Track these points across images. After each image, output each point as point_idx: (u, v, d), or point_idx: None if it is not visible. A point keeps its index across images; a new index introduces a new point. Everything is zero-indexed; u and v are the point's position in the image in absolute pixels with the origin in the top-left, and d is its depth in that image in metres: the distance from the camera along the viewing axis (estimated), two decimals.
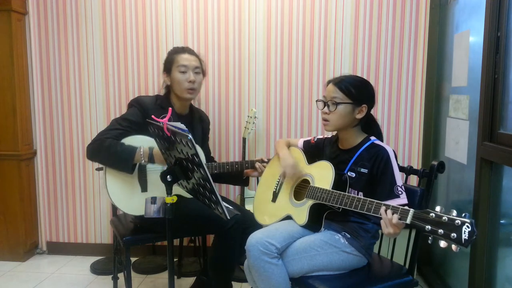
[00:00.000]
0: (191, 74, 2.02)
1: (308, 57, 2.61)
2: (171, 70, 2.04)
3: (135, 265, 2.68)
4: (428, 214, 1.21)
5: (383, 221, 1.35)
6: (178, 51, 2.07)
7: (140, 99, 2.04)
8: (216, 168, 2.07)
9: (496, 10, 1.62)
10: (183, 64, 2.02)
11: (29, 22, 2.71)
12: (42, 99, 2.78)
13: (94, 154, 1.93)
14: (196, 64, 2.05)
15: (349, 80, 1.64)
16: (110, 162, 1.90)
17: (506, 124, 1.59)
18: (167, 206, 1.46)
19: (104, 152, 1.88)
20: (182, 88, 2.02)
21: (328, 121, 1.64)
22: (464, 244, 1.11)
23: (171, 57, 2.06)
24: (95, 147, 1.90)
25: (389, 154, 1.57)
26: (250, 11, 2.60)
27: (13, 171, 2.71)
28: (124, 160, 1.87)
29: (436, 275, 2.42)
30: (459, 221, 1.13)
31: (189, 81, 2.01)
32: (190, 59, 2.04)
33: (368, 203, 1.41)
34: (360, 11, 2.55)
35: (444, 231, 1.15)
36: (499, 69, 1.60)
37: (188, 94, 2.03)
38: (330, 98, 1.62)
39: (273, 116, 2.68)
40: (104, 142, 1.88)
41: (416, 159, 2.63)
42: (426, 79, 2.55)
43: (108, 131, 1.94)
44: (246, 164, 2.09)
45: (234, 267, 2.05)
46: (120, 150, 1.87)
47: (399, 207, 1.32)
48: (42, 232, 2.90)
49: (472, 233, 1.10)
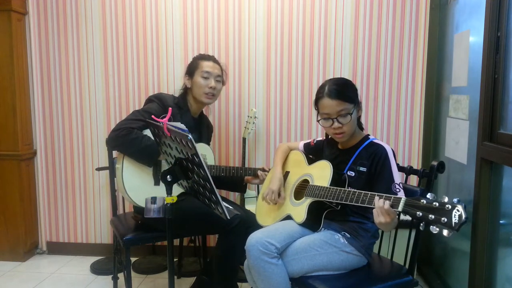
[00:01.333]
0: (212, 81, 2.08)
1: (308, 57, 2.61)
2: (194, 74, 2.10)
3: (135, 265, 2.68)
4: (419, 200, 1.23)
5: (375, 210, 1.36)
6: (205, 57, 2.14)
7: (161, 95, 2.09)
8: (223, 171, 2.11)
9: (496, 10, 1.62)
10: (206, 71, 2.08)
11: (29, 22, 2.71)
12: (42, 99, 2.78)
13: (117, 142, 1.94)
14: (219, 73, 2.12)
15: (340, 87, 1.62)
16: (135, 153, 1.94)
17: (506, 124, 1.59)
18: (167, 206, 1.46)
19: (130, 143, 1.91)
20: (202, 92, 2.08)
21: (343, 132, 1.63)
22: (455, 228, 1.11)
23: (196, 62, 2.13)
24: (121, 135, 1.91)
25: (388, 152, 1.58)
26: (250, 11, 2.60)
27: (13, 171, 2.71)
28: (150, 154, 1.92)
29: (436, 275, 2.42)
30: (449, 205, 1.14)
31: (209, 87, 2.07)
32: (214, 67, 2.11)
33: (363, 195, 1.43)
34: (360, 11, 2.55)
35: (435, 216, 1.16)
36: (499, 69, 1.60)
37: (207, 98, 2.10)
38: (337, 113, 1.60)
39: (273, 116, 2.68)
40: (131, 132, 1.91)
41: (416, 159, 2.63)
42: (426, 79, 2.55)
43: (132, 121, 1.95)
44: (249, 171, 2.13)
45: (238, 267, 2.05)
46: (148, 144, 1.90)
47: (392, 196, 1.34)
48: (42, 232, 2.90)
49: (462, 217, 1.10)
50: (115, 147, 2.01)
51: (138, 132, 1.93)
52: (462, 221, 1.11)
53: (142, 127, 1.96)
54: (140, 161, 1.95)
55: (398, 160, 1.63)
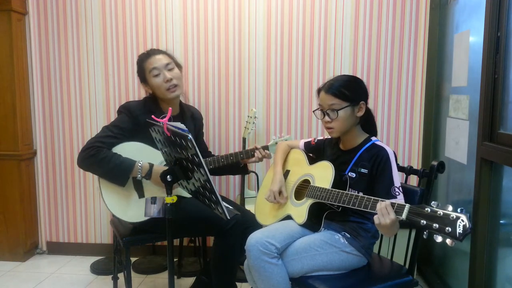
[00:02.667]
0: (165, 73, 1.98)
1: (308, 57, 2.61)
2: (146, 78, 2.02)
3: (135, 265, 2.68)
4: (423, 209, 1.22)
5: (378, 210, 1.33)
6: (143, 57, 2.03)
7: (128, 105, 2.01)
8: (211, 163, 2.06)
9: (496, 10, 1.62)
10: (153, 67, 1.97)
11: (29, 22, 2.71)
12: (42, 99, 2.78)
13: (86, 164, 1.85)
14: (166, 61, 2.00)
15: (339, 83, 1.63)
16: (105, 174, 1.86)
17: (506, 124, 1.59)
18: (167, 206, 1.46)
19: (99, 163, 1.82)
20: (164, 90, 1.98)
21: (332, 128, 1.64)
22: (459, 238, 1.11)
23: (140, 65, 2.03)
24: (88, 156, 1.83)
25: (389, 155, 1.58)
26: (250, 11, 2.60)
27: (13, 171, 2.71)
28: (120, 174, 1.84)
29: (436, 275, 2.42)
30: (454, 215, 1.14)
31: (166, 81, 1.97)
32: (157, 59, 1.99)
33: (366, 200, 1.42)
34: (360, 11, 2.55)
35: (439, 226, 1.15)
36: (499, 69, 1.60)
37: (171, 92, 1.99)
38: (328, 106, 1.62)
39: (273, 116, 2.68)
40: (99, 152, 1.82)
41: (416, 159, 2.63)
42: (426, 79, 2.54)
43: (101, 138, 1.87)
44: (241, 154, 2.09)
45: (236, 268, 2.05)
46: (118, 163, 1.82)
47: (395, 202, 1.33)
48: (42, 232, 2.90)
49: (467, 227, 1.10)
50: (83, 168, 1.90)
51: (107, 151, 1.84)
52: (467, 232, 1.10)
53: (112, 144, 1.88)
54: (111, 181, 1.86)
55: (398, 160, 1.63)
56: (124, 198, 1.90)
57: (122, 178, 1.85)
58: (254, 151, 2.11)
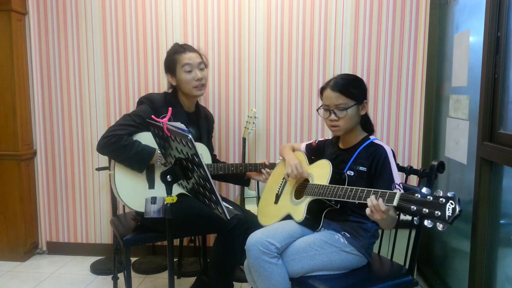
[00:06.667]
0: (197, 72, 2.03)
1: (308, 57, 2.61)
2: (175, 70, 2.04)
3: (135, 265, 2.68)
4: (413, 194, 1.23)
5: (368, 209, 1.35)
6: (179, 50, 2.06)
7: (151, 96, 2.06)
8: (221, 169, 2.09)
9: (496, 10, 1.62)
10: (187, 63, 2.01)
11: (29, 22, 2.71)
12: (42, 99, 2.78)
13: (107, 149, 1.91)
14: (199, 60, 2.06)
15: (345, 81, 1.64)
16: (126, 160, 1.91)
17: (506, 124, 1.59)
18: (167, 206, 1.46)
19: (120, 150, 1.88)
20: (191, 87, 2.03)
21: (338, 126, 1.64)
22: (448, 221, 1.10)
23: (173, 57, 2.06)
24: (110, 143, 1.88)
25: (387, 152, 1.59)
26: (250, 11, 2.60)
27: (13, 171, 2.71)
28: (141, 161, 1.90)
29: (436, 275, 2.42)
30: (443, 198, 1.14)
31: (197, 79, 2.02)
32: (192, 56, 2.04)
33: (360, 191, 1.43)
34: (360, 11, 2.55)
35: (429, 210, 1.15)
36: (499, 69, 1.59)
37: (198, 91, 2.05)
38: (335, 105, 1.62)
39: (273, 116, 2.68)
40: (121, 139, 1.88)
41: (416, 159, 2.63)
42: (426, 79, 2.54)
43: (122, 126, 1.92)
44: (250, 167, 2.11)
45: (236, 267, 2.05)
46: (139, 150, 1.89)
47: (387, 191, 1.33)
48: (42, 232, 2.90)
49: (456, 209, 1.10)
50: (103, 153, 1.97)
51: (129, 138, 1.90)
52: (456, 214, 1.10)
53: (133, 132, 1.93)
54: (131, 167, 1.92)
55: (398, 160, 1.63)
56: (134, 186, 1.95)
57: (142, 164, 1.91)
58: (263, 167, 2.11)
